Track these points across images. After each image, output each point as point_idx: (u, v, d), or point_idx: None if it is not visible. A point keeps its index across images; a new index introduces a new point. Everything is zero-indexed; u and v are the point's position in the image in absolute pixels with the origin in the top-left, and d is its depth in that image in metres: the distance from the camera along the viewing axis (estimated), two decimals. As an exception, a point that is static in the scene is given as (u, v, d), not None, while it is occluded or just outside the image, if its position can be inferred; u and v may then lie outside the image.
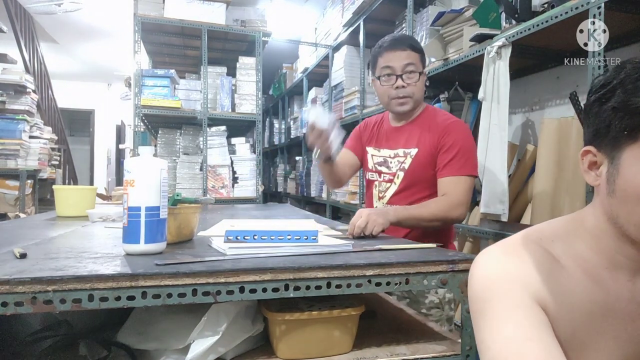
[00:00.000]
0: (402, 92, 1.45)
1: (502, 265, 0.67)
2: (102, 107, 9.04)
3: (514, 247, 0.69)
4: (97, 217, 1.60)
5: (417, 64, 1.45)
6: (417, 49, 1.47)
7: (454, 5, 2.69)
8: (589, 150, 0.64)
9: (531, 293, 0.63)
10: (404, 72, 1.43)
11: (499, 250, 0.70)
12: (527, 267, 0.66)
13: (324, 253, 0.89)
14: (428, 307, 1.39)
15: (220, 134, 3.46)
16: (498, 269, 0.66)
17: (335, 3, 3.84)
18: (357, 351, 0.86)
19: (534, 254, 0.67)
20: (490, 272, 0.67)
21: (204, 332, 0.77)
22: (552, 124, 1.81)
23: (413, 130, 1.49)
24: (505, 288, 0.64)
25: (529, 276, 0.65)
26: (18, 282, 0.64)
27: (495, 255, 0.69)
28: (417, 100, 1.48)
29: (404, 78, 1.44)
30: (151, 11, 3.24)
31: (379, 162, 1.56)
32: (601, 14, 1.36)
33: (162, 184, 0.88)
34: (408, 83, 1.44)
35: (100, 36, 6.10)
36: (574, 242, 0.67)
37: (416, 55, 1.46)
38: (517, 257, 0.67)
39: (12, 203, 3.96)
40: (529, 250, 0.67)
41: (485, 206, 1.88)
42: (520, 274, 0.65)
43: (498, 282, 0.65)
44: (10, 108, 4.01)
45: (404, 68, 1.43)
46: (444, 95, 2.33)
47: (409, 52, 1.44)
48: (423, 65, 1.49)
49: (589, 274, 0.65)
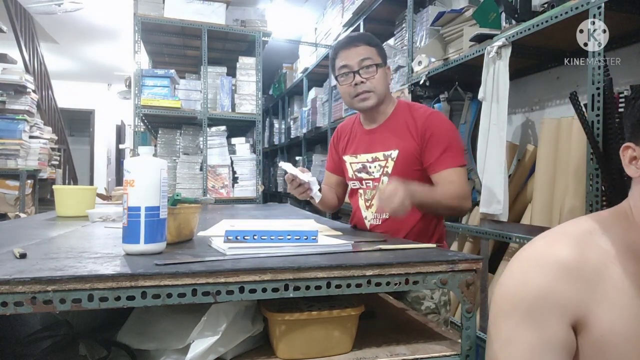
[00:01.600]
0: (361, 88, 1.41)
1: (540, 276, 0.67)
2: (102, 107, 9.04)
3: (563, 246, 0.69)
4: (97, 217, 1.60)
5: (375, 57, 1.42)
6: (373, 44, 1.44)
7: (454, 5, 2.69)
8: (629, 146, 0.67)
9: (563, 310, 0.65)
10: (361, 68, 1.40)
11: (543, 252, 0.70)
12: (571, 274, 0.66)
13: (324, 253, 0.89)
14: (425, 314, 1.37)
15: (220, 134, 3.46)
16: (535, 281, 0.67)
17: (335, 3, 3.84)
18: (357, 351, 0.86)
19: (584, 253, 0.67)
20: (525, 283, 0.68)
21: (204, 332, 0.77)
22: (552, 124, 1.81)
23: (389, 131, 1.45)
24: (531, 306, 0.66)
25: (568, 288, 0.66)
26: (18, 282, 0.64)
27: (536, 260, 0.69)
28: (381, 94, 1.43)
29: (362, 73, 1.40)
30: (151, 11, 3.24)
31: (358, 169, 1.52)
32: (601, 14, 1.36)
33: (162, 184, 0.88)
34: (366, 77, 1.40)
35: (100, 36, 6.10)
36: (622, 234, 0.69)
37: (372, 49, 1.42)
38: (561, 263, 0.67)
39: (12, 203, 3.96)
40: (579, 247, 0.68)
41: (485, 206, 1.88)
42: (558, 289, 0.66)
43: (526, 298, 0.67)
44: (10, 108, 4.01)
45: (361, 63, 1.40)
46: (444, 95, 2.33)
47: (364, 47, 1.41)
48: (383, 59, 1.45)
49: (637, 265, 0.67)
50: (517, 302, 0.68)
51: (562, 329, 0.65)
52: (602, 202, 1.39)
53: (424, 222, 1.43)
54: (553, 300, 0.66)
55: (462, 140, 1.46)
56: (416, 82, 2.45)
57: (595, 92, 1.37)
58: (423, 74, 2.38)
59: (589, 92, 1.39)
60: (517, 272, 0.70)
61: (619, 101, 1.43)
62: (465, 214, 1.45)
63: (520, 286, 0.68)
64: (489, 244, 2.04)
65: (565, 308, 0.65)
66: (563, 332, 0.65)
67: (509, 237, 1.77)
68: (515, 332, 0.67)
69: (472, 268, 0.85)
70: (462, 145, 1.44)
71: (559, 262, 0.67)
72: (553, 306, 0.65)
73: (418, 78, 2.42)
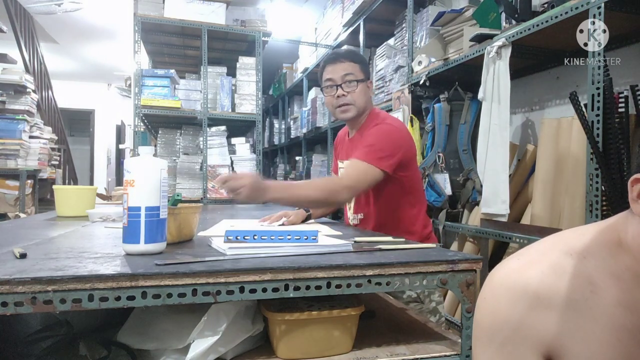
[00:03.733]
0: (342, 100, 1.53)
1: (511, 306, 0.62)
2: (102, 107, 9.04)
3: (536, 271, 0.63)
4: (97, 217, 1.60)
5: (357, 73, 1.53)
6: (357, 60, 1.55)
7: (454, 5, 2.69)
8: (639, 179, 0.58)
9: (535, 342, 0.61)
10: (343, 82, 1.52)
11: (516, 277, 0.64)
12: (543, 304, 0.61)
13: (324, 253, 0.89)
14: (406, 302, 1.42)
15: (220, 134, 3.46)
16: (506, 311, 0.62)
17: (335, 3, 3.85)
18: (357, 351, 0.86)
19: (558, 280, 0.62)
20: (496, 312, 0.64)
21: (204, 332, 0.77)
22: (552, 124, 1.81)
23: (359, 139, 1.55)
24: (503, 338, 0.62)
25: (540, 320, 0.61)
26: (18, 282, 0.64)
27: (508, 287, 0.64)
28: (360, 107, 1.55)
29: (343, 87, 1.53)
30: (151, 11, 3.24)
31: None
32: (601, 14, 1.36)
33: (162, 184, 0.88)
34: (347, 91, 1.52)
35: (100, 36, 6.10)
36: (608, 259, 0.62)
37: (356, 65, 1.54)
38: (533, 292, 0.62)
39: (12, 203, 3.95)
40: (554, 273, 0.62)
41: (486, 206, 1.88)
42: (529, 320, 0.61)
43: (499, 329, 0.63)
44: (10, 108, 4.01)
45: (343, 78, 1.52)
46: (444, 95, 2.33)
47: (348, 63, 1.53)
48: (366, 74, 1.56)
49: (622, 295, 0.60)
50: (491, 333, 0.64)
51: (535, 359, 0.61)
52: (602, 202, 1.39)
53: (397, 218, 1.51)
54: (525, 333, 0.61)
55: (398, 150, 1.44)
56: (416, 82, 2.45)
57: (595, 92, 1.37)
58: (423, 74, 2.38)
59: (589, 92, 1.39)
60: (490, 298, 0.66)
61: (619, 101, 1.43)
62: (340, 205, 1.51)
63: (493, 317, 0.64)
64: (489, 244, 2.04)
65: (538, 341, 0.61)
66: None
67: (509, 237, 1.77)
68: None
69: (472, 268, 0.85)
70: (393, 153, 1.43)
71: (530, 292, 0.62)
72: (525, 339, 0.61)
73: (418, 78, 2.42)
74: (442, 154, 2.31)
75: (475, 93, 2.04)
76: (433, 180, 2.31)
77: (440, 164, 2.30)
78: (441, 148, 2.32)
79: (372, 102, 1.60)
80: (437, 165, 2.31)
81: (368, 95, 1.58)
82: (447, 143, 2.33)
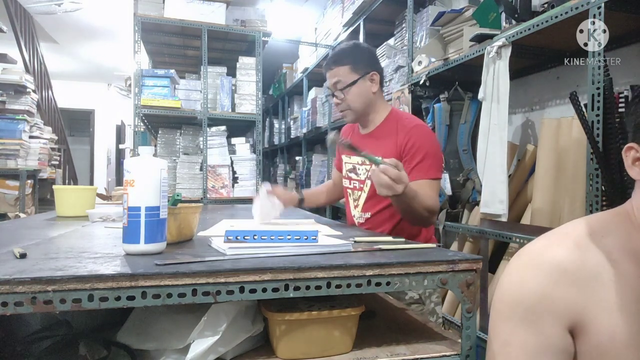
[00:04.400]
0: (339, 107, 1.55)
1: (537, 279, 0.66)
2: (102, 107, 9.04)
3: (561, 248, 0.68)
4: (97, 217, 1.60)
5: (347, 76, 1.49)
6: (346, 61, 1.50)
7: (454, 5, 2.69)
8: (632, 147, 0.65)
9: (560, 313, 0.65)
10: (336, 90, 1.53)
11: (541, 254, 0.69)
12: (568, 277, 0.65)
13: (324, 253, 0.89)
14: (408, 303, 1.42)
15: (220, 134, 3.46)
16: (531, 284, 0.67)
17: (335, 3, 3.84)
18: (357, 351, 0.86)
19: (582, 256, 0.67)
20: (522, 285, 0.68)
21: (204, 332, 0.77)
22: (552, 124, 1.81)
23: (378, 138, 1.53)
24: (528, 310, 0.66)
25: (565, 292, 0.65)
26: (18, 282, 0.64)
27: (534, 262, 0.69)
28: (358, 109, 1.52)
29: (337, 95, 1.53)
30: (151, 11, 3.24)
31: (350, 169, 1.62)
32: (601, 14, 1.36)
33: (162, 184, 0.88)
34: (341, 98, 1.52)
35: (100, 36, 6.10)
36: (624, 236, 0.67)
37: (343, 68, 1.50)
38: (559, 266, 0.66)
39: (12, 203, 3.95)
40: (577, 249, 0.67)
41: (485, 206, 1.88)
42: (555, 292, 0.65)
43: (524, 301, 0.67)
44: (10, 108, 4.00)
45: (335, 86, 1.52)
46: (444, 95, 2.33)
47: (336, 69, 1.51)
48: (359, 71, 1.50)
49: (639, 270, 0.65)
50: (515, 305, 0.68)
51: (559, 333, 0.65)
52: (602, 202, 1.39)
53: (405, 223, 1.48)
54: (550, 305, 0.65)
55: (441, 154, 1.50)
56: (416, 82, 2.45)
57: (595, 92, 1.37)
58: (423, 74, 2.38)
59: (589, 92, 1.39)
60: (515, 273, 0.70)
61: (619, 101, 1.43)
62: (427, 226, 1.47)
63: (518, 289, 0.68)
64: (489, 244, 2.04)
65: (563, 313, 0.65)
66: (560, 336, 0.65)
67: (509, 237, 1.77)
68: (512, 335, 0.67)
69: (472, 268, 0.85)
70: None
71: (556, 265, 0.66)
72: (550, 310, 0.65)
73: (418, 78, 2.42)
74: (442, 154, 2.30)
75: (475, 93, 2.04)
76: (433, 180, 2.30)
77: (440, 164, 2.30)
78: (441, 148, 2.33)
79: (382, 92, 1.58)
80: (437, 165, 2.31)
81: (367, 91, 1.52)
82: (447, 143, 2.33)
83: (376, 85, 1.53)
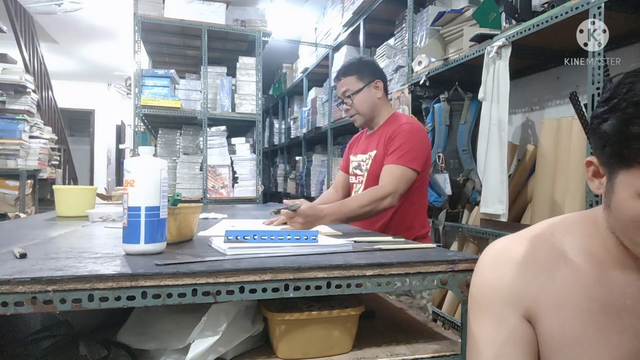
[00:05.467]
0: (349, 113, 1.72)
1: (495, 272, 0.71)
2: (102, 107, 9.04)
3: (518, 245, 0.72)
4: (97, 217, 1.60)
5: (353, 85, 1.66)
6: (352, 72, 1.67)
7: (454, 5, 2.69)
8: (592, 162, 0.66)
9: (515, 303, 0.68)
10: (344, 98, 1.69)
11: (500, 250, 0.74)
12: (520, 270, 0.69)
13: (324, 253, 0.89)
14: (397, 294, 1.49)
15: (220, 134, 3.46)
16: (490, 277, 0.72)
17: (335, 3, 3.84)
18: (357, 351, 0.86)
19: (536, 252, 0.70)
20: (483, 279, 0.73)
21: (204, 332, 0.77)
22: (552, 124, 1.81)
23: (377, 136, 1.68)
24: (489, 301, 0.70)
25: (518, 283, 0.69)
26: (18, 282, 0.64)
27: (493, 258, 0.73)
28: (366, 113, 1.68)
29: (346, 102, 1.70)
30: (151, 11, 3.24)
31: (355, 166, 1.77)
32: (601, 14, 1.36)
33: (162, 184, 0.88)
34: (350, 104, 1.68)
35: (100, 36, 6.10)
36: (585, 238, 0.69)
37: (350, 78, 1.67)
38: (513, 259, 0.71)
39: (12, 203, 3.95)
40: (532, 246, 0.71)
41: (485, 206, 1.88)
42: (509, 283, 0.69)
43: (485, 294, 0.71)
44: (10, 108, 4.00)
45: (344, 94, 1.69)
46: (444, 95, 2.33)
47: (344, 80, 1.68)
48: (365, 80, 1.66)
49: (595, 271, 0.67)
50: (480, 298, 0.72)
51: (518, 322, 0.68)
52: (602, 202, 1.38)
53: (400, 215, 1.60)
54: (505, 295, 0.69)
55: (423, 149, 1.57)
56: (416, 82, 2.45)
57: (595, 92, 1.37)
58: (423, 74, 2.38)
59: (589, 92, 1.39)
60: (478, 270, 0.75)
61: (619, 101, 1.42)
62: (386, 210, 1.51)
63: (481, 283, 0.73)
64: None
65: (517, 301, 0.68)
66: (520, 325, 0.68)
67: (509, 237, 1.77)
68: (478, 328, 0.71)
69: (472, 268, 0.85)
70: (420, 153, 1.55)
71: (510, 259, 0.70)
72: (506, 300, 0.69)
73: (418, 78, 2.42)
74: (442, 154, 2.31)
75: (475, 93, 2.04)
76: (433, 180, 2.30)
77: (440, 164, 2.30)
78: (441, 148, 2.33)
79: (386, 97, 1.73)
80: (437, 165, 2.31)
81: (372, 97, 1.68)
82: (447, 143, 2.33)
83: (380, 92, 1.69)
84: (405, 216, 1.61)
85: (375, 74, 1.69)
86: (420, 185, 1.62)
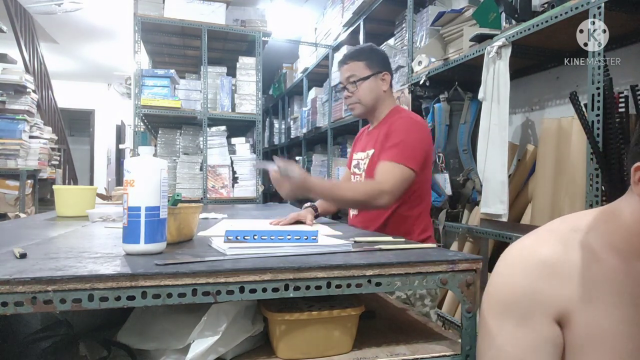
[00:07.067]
0: (349, 100, 1.63)
1: (525, 275, 0.69)
2: (102, 107, 9.04)
3: (545, 245, 0.71)
4: (97, 217, 1.60)
5: (361, 72, 1.57)
6: (362, 58, 1.59)
7: (454, 5, 2.69)
8: None
9: (548, 307, 0.67)
10: (348, 83, 1.60)
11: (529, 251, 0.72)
12: (552, 272, 0.68)
13: (324, 253, 0.89)
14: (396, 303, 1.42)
15: (220, 134, 3.46)
16: (520, 280, 0.70)
17: (335, 3, 3.84)
18: (357, 351, 0.86)
19: (566, 252, 0.69)
20: (511, 282, 0.71)
21: (204, 332, 0.77)
22: (552, 124, 1.81)
23: (376, 133, 1.61)
24: (518, 305, 0.69)
25: (552, 286, 0.68)
26: (18, 282, 0.64)
27: (521, 259, 0.72)
28: (367, 103, 1.60)
29: (348, 88, 1.61)
30: (151, 11, 3.24)
31: (355, 165, 1.71)
32: (601, 14, 1.36)
33: (162, 184, 0.88)
34: (352, 91, 1.60)
35: (100, 36, 6.10)
36: (608, 233, 0.70)
37: (358, 64, 1.58)
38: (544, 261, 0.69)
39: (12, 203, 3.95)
40: (562, 245, 0.70)
41: (485, 206, 1.88)
42: (542, 287, 0.68)
43: (514, 297, 0.69)
44: (10, 108, 4.00)
45: (347, 80, 1.60)
46: (444, 95, 2.33)
47: (350, 65, 1.60)
48: (373, 69, 1.58)
49: (622, 265, 0.68)
50: (508, 303, 0.70)
51: (548, 326, 0.67)
52: (602, 202, 1.39)
53: (398, 217, 1.52)
54: (537, 299, 0.68)
55: (421, 146, 1.48)
56: (416, 82, 2.45)
57: (595, 92, 1.37)
58: (423, 74, 2.38)
59: (589, 92, 1.39)
60: (504, 271, 0.73)
61: (619, 101, 1.43)
62: (380, 209, 1.46)
63: (506, 286, 0.71)
64: (489, 244, 2.04)
65: (549, 305, 0.68)
66: (549, 330, 0.67)
67: (509, 237, 1.77)
68: (504, 331, 0.69)
69: (472, 268, 0.85)
70: (417, 150, 1.46)
71: (542, 261, 0.69)
72: (538, 305, 0.68)
73: (418, 78, 2.42)
74: (442, 154, 2.31)
75: (475, 93, 2.04)
76: (433, 180, 2.31)
77: (440, 164, 2.30)
78: (441, 148, 2.33)
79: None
80: (437, 165, 2.31)
81: (378, 88, 1.60)
82: (447, 143, 2.33)
83: (386, 85, 1.61)
84: (404, 220, 1.52)
85: (384, 66, 1.61)
86: (420, 187, 1.52)
